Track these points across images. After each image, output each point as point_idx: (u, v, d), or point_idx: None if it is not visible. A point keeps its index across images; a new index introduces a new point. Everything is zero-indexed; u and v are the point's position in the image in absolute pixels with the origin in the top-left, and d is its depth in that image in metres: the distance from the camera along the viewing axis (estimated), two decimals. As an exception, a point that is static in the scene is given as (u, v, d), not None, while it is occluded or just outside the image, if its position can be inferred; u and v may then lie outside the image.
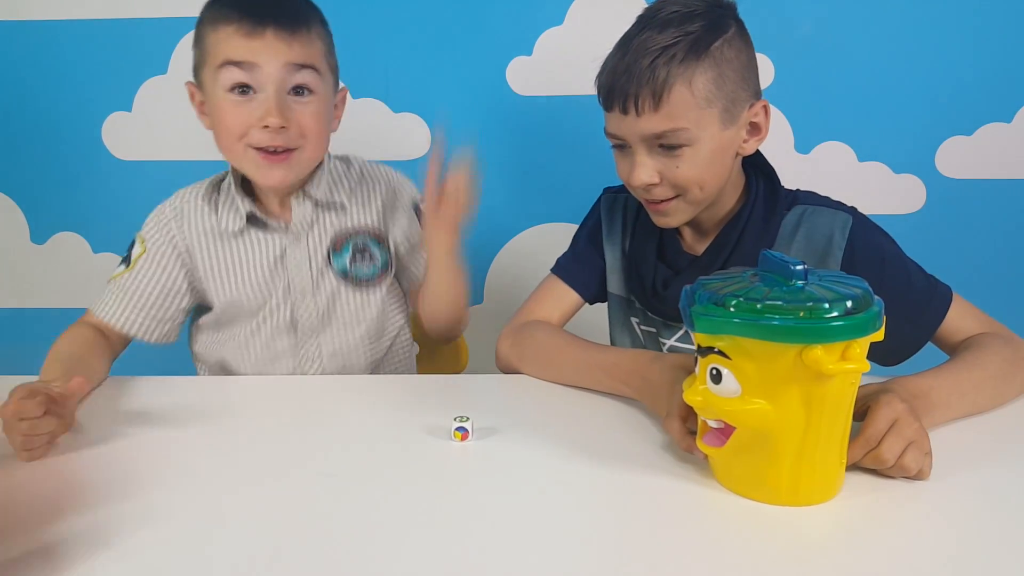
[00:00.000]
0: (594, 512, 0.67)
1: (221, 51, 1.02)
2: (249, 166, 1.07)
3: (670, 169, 0.95)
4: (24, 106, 1.68)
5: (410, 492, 0.70)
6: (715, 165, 0.97)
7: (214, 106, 1.05)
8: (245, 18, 1.00)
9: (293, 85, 1.03)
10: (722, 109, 0.94)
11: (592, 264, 1.17)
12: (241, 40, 1.00)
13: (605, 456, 0.76)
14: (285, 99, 1.03)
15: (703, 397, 0.66)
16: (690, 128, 0.93)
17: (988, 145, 1.61)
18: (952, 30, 1.57)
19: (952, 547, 0.60)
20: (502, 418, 0.87)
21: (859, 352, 0.60)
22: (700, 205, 1.00)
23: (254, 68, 1.01)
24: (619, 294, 1.16)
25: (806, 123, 1.63)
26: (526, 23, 1.62)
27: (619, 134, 0.97)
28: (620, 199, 1.17)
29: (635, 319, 1.14)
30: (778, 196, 1.03)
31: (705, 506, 0.67)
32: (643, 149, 0.96)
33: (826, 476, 0.66)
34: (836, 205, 1.03)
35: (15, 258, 1.77)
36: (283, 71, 1.02)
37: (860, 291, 0.61)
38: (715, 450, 0.67)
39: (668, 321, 1.09)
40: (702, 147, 0.94)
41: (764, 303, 0.60)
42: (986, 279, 1.65)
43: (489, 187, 1.70)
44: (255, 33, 1.00)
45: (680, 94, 0.91)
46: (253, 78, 1.01)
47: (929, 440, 0.71)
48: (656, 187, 0.97)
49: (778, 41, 1.59)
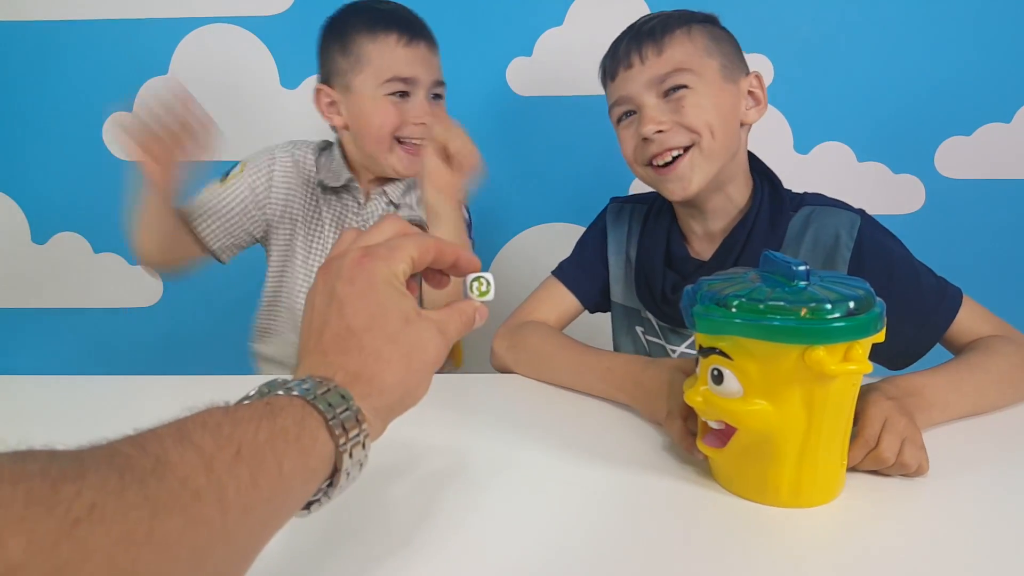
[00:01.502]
0: (592, 514, 0.66)
1: (386, 64, 1.21)
2: (393, 158, 1.25)
3: (678, 112, 0.98)
4: (24, 106, 1.69)
5: (405, 491, 0.70)
6: (722, 116, 1.00)
7: (366, 108, 1.23)
8: (404, 32, 1.21)
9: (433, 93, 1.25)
10: (720, 64, 1.00)
11: (595, 272, 1.17)
12: (402, 51, 1.21)
13: (604, 457, 0.76)
14: (429, 103, 1.24)
15: (704, 398, 0.66)
16: (692, 69, 0.98)
17: (987, 145, 1.61)
18: (952, 30, 1.57)
19: (955, 548, 0.60)
20: (499, 417, 0.87)
21: (861, 353, 0.60)
22: (714, 162, 1.00)
23: (415, 81, 1.22)
24: (624, 303, 1.16)
25: (805, 123, 1.64)
26: (526, 23, 1.62)
27: (625, 93, 1.01)
28: (627, 208, 1.17)
29: (640, 328, 1.14)
30: (782, 198, 1.03)
31: (705, 508, 0.67)
32: (650, 99, 0.99)
33: (827, 477, 0.66)
34: (844, 206, 1.03)
35: (15, 258, 1.77)
36: (432, 82, 1.24)
37: (862, 292, 0.61)
38: (716, 451, 0.67)
39: (677, 328, 1.08)
40: (705, 92, 0.98)
41: (766, 303, 0.60)
42: (986, 279, 1.64)
43: (489, 187, 1.71)
44: (412, 44, 1.22)
45: (680, 42, 0.99)
46: (410, 86, 1.22)
47: (921, 435, 0.71)
48: (666, 134, 0.99)
49: (777, 41, 1.59)
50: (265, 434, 0.40)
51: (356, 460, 0.45)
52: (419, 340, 0.50)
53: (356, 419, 0.45)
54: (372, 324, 0.48)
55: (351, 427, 0.44)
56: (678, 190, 1.01)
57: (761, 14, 1.59)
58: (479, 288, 0.57)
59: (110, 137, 1.69)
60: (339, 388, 0.45)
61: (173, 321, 1.79)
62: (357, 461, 0.45)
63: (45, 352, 1.84)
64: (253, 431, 0.40)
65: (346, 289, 0.49)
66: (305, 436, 0.42)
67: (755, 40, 1.60)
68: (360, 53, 1.22)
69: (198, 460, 0.36)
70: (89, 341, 1.82)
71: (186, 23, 1.63)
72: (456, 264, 0.56)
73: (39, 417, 0.94)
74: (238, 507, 0.37)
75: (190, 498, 0.35)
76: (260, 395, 0.45)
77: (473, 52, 1.63)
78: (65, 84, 1.67)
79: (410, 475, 0.74)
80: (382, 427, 0.49)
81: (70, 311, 1.81)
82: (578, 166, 1.67)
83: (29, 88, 1.67)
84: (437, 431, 0.83)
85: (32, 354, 1.84)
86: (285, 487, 0.40)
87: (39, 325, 1.81)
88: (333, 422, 0.43)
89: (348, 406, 0.45)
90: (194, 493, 0.35)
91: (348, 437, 0.44)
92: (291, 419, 0.42)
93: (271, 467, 0.39)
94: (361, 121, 1.25)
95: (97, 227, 1.76)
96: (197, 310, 1.78)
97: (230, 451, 0.38)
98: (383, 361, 0.48)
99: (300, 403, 0.43)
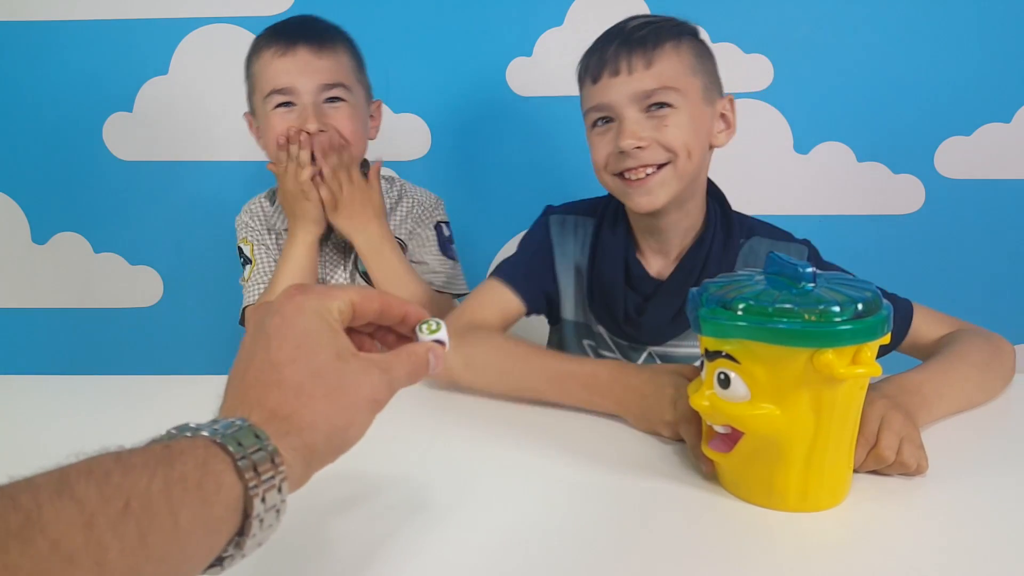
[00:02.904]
0: (597, 518, 0.66)
1: (265, 78, 1.19)
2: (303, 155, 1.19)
3: (659, 130, 0.97)
4: (24, 106, 1.68)
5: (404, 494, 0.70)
6: (699, 139, 1.00)
7: (262, 127, 1.22)
8: (280, 43, 1.18)
9: (326, 97, 1.19)
10: (703, 85, 1.00)
11: (539, 280, 1.12)
12: (278, 62, 1.17)
13: (607, 461, 0.76)
14: (320, 107, 1.19)
15: (710, 402, 0.65)
16: (679, 88, 0.97)
17: (987, 145, 1.61)
18: (951, 30, 1.57)
19: (962, 550, 0.60)
20: (498, 420, 0.87)
21: (869, 356, 0.60)
22: (683, 181, 1.00)
23: (293, 90, 1.17)
24: (574, 319, 1.13)
25: (805, 123, 1.64)
26: (526, 23, 1.62)
27: (606, 101, 0.99)
28: (570, 220, 1.13)
29: (589, 342, 1.13)
30: (732, 223, 1.06)
31: (711, 512, 0.66)
32: (632, 112, 0.98)
33: (835, 481, 0.66)
34: (790, 237, 1.07)
35: (15, 258, 1.77)
36: (316, 87, 1.18)
37: (870, 294, 0.61)
38: (722, 456, 0.67)
39: (635, 344, 1.08)
40: (687, 113, 0.98)
41: (774, 306, 0.60)
42: (985, 279, 1.65)
43: (489, 187, 1.72)
44: (288, 53, 1.17)
45: (670, 57, 0.98)
46: (289, 95, 1.18)
47: (919, 433, 0.71)
48: (644, 151, 0.97)
49: (777, 41, 1.59)
50: (160, 483, 0.35)
51: (271, 505, 0.40)
52: (352, 376, 0.46)
53: (272, 460, 0.40)
54: (296, 356, 0.45)
55: (264, 469, 0.40)
56: (644, 203, 1.00)
57: (761, 14, 1.58)
58: (428, 328, 0.54)
59: (110, 137, 1.69)
60: (253, 427, 0.41)
61: (173, 321, 1.79)
62: (272, 506, 0.40)
63: (45, 352, 1.83)
64: (147, 480, 0.35)
65: (274, 321, 0.46)
66: (208, 481, 0.37)
67: (755, 40, 1.60)
68: (251, 74, 1.23)
69: (77, 516, 0.32)
70: (89, 341, 1.81)
71: (186, 23, 1.63)
72: (405, 319, 0.54)
73: (39, 417, 0.94)
74: (121, 571, 0.33)
75: (61, 564, 0.31)
76: (168, 437, 0.40)
77: (473, 52, 1.63)
78: (65, 84, 1.66)
79: (406, 476, 0.74)
80: (305, 470, 0.44)
81: (70, 311, 1.80)
82: (578, 166, 1.66)
83: (29, 88, 1.66)
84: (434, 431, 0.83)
85: (32, 354, 1.83)
86: (182, 543, 0.36)
87: (39, 325, 1.81)
88: (243, 463, 0.39)
89: (262, 445, 0.40)
90: (67, 558, 0.31)
91: (261, 480, 0.39)
92: (192, 463, 0.37)
93: (165, 521, 0.35)
94: (262, 142, 1.25)
95: (97, 227, 1.75)
96: (197, 310, 1.78)
97: (117, 504, 0.33)
98: (304, 396, 0.44)
99: (205, 444, 0.39)
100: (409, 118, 1.67)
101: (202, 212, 1.70)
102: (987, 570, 0.58)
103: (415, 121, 1.67)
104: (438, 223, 1.35)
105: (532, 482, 0.72)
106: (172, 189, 1.71)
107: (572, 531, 0.64)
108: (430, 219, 1.35)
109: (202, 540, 0.37)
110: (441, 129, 1.69)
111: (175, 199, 1.72)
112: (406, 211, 1.34)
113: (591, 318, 1.11)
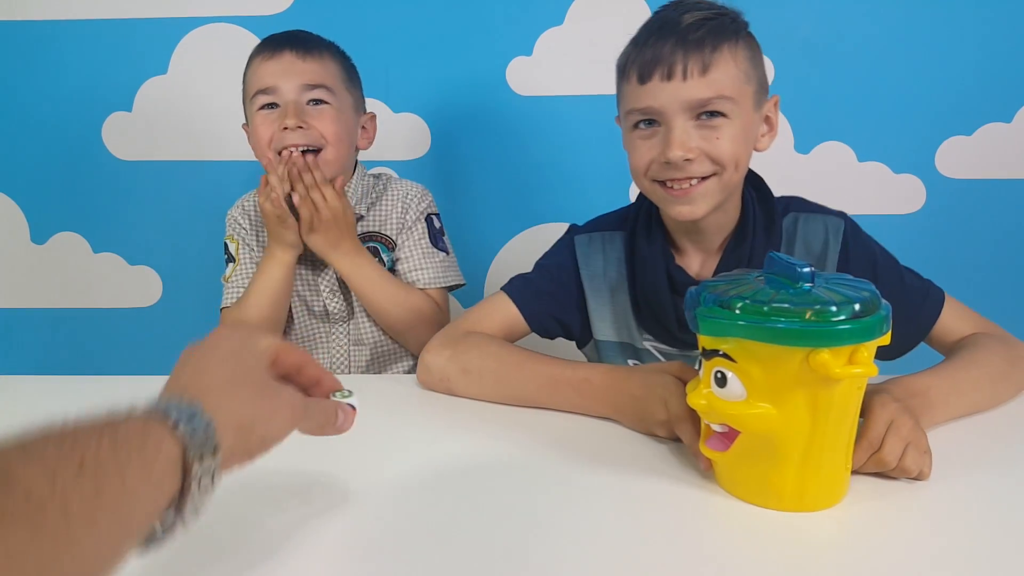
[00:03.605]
0: (594, 518, 0.66)
1: (252, 81, 1.23)
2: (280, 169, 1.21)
3: (710, 141, 0.91)
4: (23, 106, 1.68)
5: (403, 494, 0.70)
6: (747, 148, 0.95)
7: (251, 129, 1.25)
8: (268, 48, 1.22)
9: (309, 99, 1.21)
10: (755, 90, 0.94)
11: (550, 303, 1.07)
12: (264, 64, 1.21)
13: (605, 461, 0.76)
14: (303, 107, 1.21)
15: (707, 401, 0.65)
16: (734, 98, 0.91)
17: (988, 145, 1.61)
18: (952, 30, 1.57)
19: (959, 551, 0.60)
20: (497, 421, 0.87)
21: (867, 356, 0.59)
22: (725, 193, 0.95)
23: (276, 89, 1.20)
24: (616, 340, 1.08)
25: (806, 123, 1.64)
26: (526, 23, 1.62)
27: (656, 105, 0.91)
28: (597, 238, 1.08)
29: (634, 362, 1.07)
30: (772, 206, 1.01)
31: (707, 511, 0.66)
32: (682, 120, 0.91)
33: (832, 481, 0.66)
34: (827, 210, 1.03)
35: (15, 258, 1.77)
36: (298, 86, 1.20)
37: (868, 294, 0.61)
38: (718, 455, 0.67)
39: (689, 351, 1.03)
40: (739, 123, 0.92)
41: (771, 305, 0.60)
42: (986, 279, 1.65)
43: (489, 187, 1.72)
44: (275, 56, 1.21)
45: (727, 63, 0.90)
46: (273, 95, 1.21)
47: (927, 438, 0.71)
48: (692, 163, 0.91)
49: (778, 42, 1.59)
50: (108, 444, 0.40)
51: (207, 467, 0.45)
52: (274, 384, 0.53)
53: (206, 425, 0.45)
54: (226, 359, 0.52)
55: (200, 430, 0.45)
56: (685, 213, 0.95)
57: (761, 14, 1.57)
58: (341, 395, 0.61)
59: (109, 137, 1.69)
60: (190, 403, 0.46)
61: (173, 321, 1.79)
62: (208, 469, 0.45)
63: (45, 352, 1.83)
64: (96, 442, 0.40)
65: (202, 346, 0.53)
66: (149, 445, 0.42)
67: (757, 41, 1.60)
68: (243, 82, 1.26)
69: (41, 471, 0.37)
70: (88, 341, 1.81)
71: (186, 23, 1.63)
72: (319, 383, 0.61)
73: (39, 417, 0.93)
74: (82, 518, 0.37)
75: (35, 510, 0.35)
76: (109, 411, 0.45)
77: (473, 52, 1.63)
78: (64, 84, 1.66)
79: (405, 477, 0.74)
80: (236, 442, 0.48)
81: (69, 311, 1.80)
82: (578, 166, 1.67)
83: (28, 88, 1.67)
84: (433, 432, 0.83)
85: (32, 354, 1.83)
86: (129, 496, 0.40)
87: (38, 325, 1.81)
88: (183, 427, 0.44)
89: (195, 410, 0.45)
90: (39, 505, 0.36)
91: (195, 443, 0.44)
92: (134, 428, 0.42)
93: (113, 478, 0.39)
94: (251, 144, 1.27)
95: (96, 227, 1.75)
96: (197, 310, 1.78)
97: (74, 461, 0.38)
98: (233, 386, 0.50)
99: (144, 413, 0.44)
100: (409, 118, 1.67)
101: (201, 212, 1.70)
102: (984, 570, 0.57)
103: (415, 121, 1.67)
104: (428, 215, 1.35)
105: (531, 482, 0.73)
106: (171, 189, 1.71)
107: (570, 530, 0.64)
108: (418, 211, 1.34)
109: (147, 495, 0.42)
110: (441, 129, 1.69)
111: (174, 199, 1.72)
112: (390, 204, 1.34)
113: (636, 335, 1.06)
